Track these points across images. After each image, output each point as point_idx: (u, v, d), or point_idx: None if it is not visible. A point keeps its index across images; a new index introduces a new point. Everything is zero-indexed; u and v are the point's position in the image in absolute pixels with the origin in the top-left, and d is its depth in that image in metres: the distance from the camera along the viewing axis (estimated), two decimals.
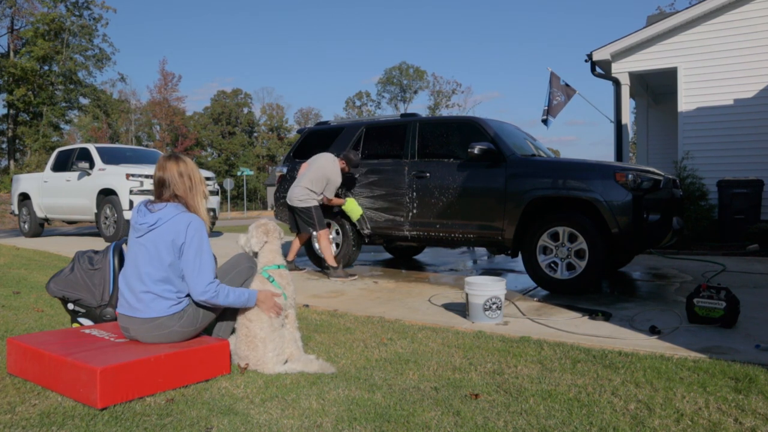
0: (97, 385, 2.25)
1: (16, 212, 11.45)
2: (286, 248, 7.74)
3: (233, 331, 2.91)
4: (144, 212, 2.70)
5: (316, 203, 5.84)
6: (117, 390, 2.31)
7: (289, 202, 5.95)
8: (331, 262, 5.83)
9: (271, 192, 50.44)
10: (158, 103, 48.63)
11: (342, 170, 5.95)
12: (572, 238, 4.85)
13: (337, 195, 6.12)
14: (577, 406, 2.29)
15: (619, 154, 10.02)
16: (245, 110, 63.11)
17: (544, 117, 11.49)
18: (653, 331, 3.50)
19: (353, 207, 6.06)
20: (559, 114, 11.53)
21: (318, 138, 6.84)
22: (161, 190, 2.75)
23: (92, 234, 11.65)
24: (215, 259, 2.88)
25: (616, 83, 9.85)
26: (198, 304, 2.73)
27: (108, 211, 9.20)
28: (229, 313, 2.89)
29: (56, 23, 31.65)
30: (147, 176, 9.05)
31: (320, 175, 5.82)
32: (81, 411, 2.25)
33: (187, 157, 2.88)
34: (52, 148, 25.72)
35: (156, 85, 56.88)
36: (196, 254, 2.66)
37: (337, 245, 6.46)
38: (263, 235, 2.93)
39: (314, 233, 5.91)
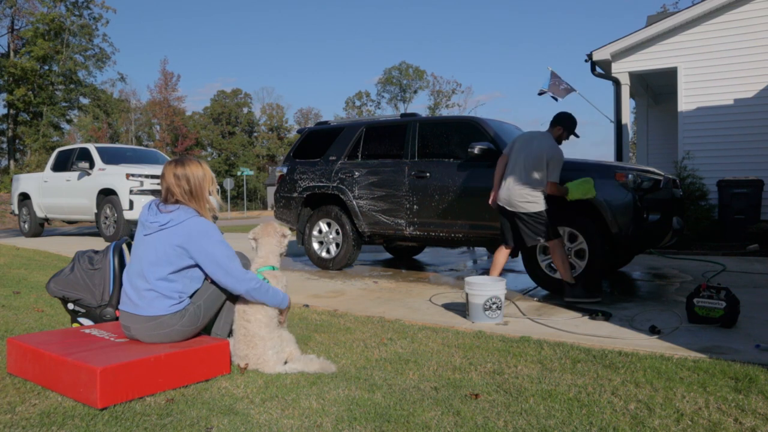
0: (97, 385, 2.25)
1: (16, 212, 11.45)
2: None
3: (231, 331, 2.91)
4: (155, 211, 2.72)
5: (545, 205, 4.54)
6: (117, 390, 2.31)
7: (509, 208, 4.59)
8: (568, 278, 4.55)
9: (271, 192, 50.45)
10: (158, 103, 48.65)
11: (560, 139, 4.68)
12: (572, 238, 4.85)
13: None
14: (577, 406, 2.29)
15: (619, 154, 10.03)
16: (245, 110, 63.11)
17: (543, 91, 11.18)
18: (653, 331, 3.50)
19: (582, 190, 4.56)
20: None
21: (318, 138, 6.84)
22: (166, 195, 2.78)
23: (92, 234, 11.66)
24: None
25: (616, 83, 9.85)
26: (198, 304, 2.74)
27: (108, 211, 9.20)
28: (226, 313, 2.90)
29: (56, 23, 31.64)
30: (147, 176, 9.05)
31: (540, 163, 4.49)
32: (81, 411, 2.25)
33: (195, 160, 2.85)
34: (52, 148, 25.77)
35: (156, 84, 56.95)
36: (223, 254, 2.67)
37: (337, 245, 6.46)
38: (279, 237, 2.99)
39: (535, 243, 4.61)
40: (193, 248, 2.66)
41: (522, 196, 4.50)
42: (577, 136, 4.81)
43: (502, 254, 4.75)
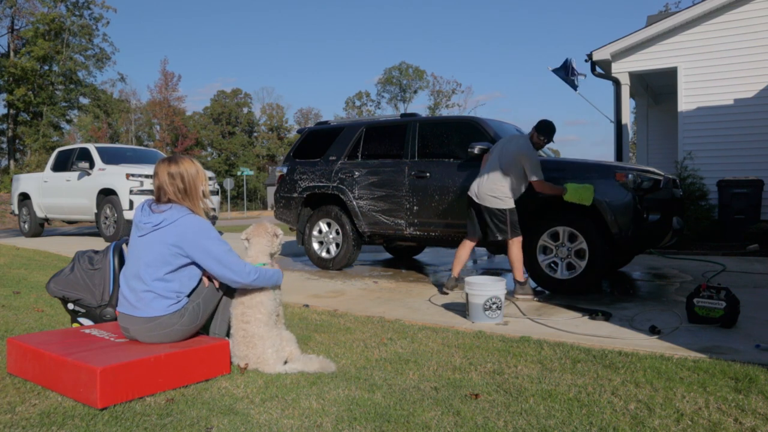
0: (97, 385, 2.25)
1: (16, 212, 11.45)
2: (286, 247, 7.72)
3: (229, 329, 2.91)
4: (148, 212, 2.71)
5: (513, 204, 4.75)
6: (117, 390, 2.31)
7: (476, 200, 4.81)
8: (519, 276, 4.74)
9: (271, 192, 50.44)
10: (158, 103, 48.63)
11: (537, 144, 4.83)
12: (572, 238, 4.85)
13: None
14: (577, 406, 2.29)
15: (619, 154, 10.02)
16: (245, 110, 63.10)
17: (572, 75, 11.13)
18: (653, 331, 3.50)
19: (580, 194, 4.65)
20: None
21: (318, 138, 6.84)
22: (159, 194, 2.77)
23: (92, 234, 11.65)
24: None
25: (616, 83, 9.85)
26: (197, 302, 2.74)
27: (108, 211, 9.20)
28: (222, 311, 2.90)
29: (56, 23, 31.66)
30: (147, 176, 9.05)
31: (514, 162, 4.68)
32: (81, 411, 2.25)
33: (187, 157, 2.87)
34: (52, 148, 25.77)
35: (156, 84, 56.94)
36: (220, 250, 2.68)
37: (337, 245, 6.46)
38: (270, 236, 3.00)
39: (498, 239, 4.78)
40: (189, 246, 2.66)
41: (491, 191, 4.71)
42: (552, 142, 5.04)
43: (465, 249, 4.94)
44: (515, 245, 4.72)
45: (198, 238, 2.67)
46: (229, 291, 2.86)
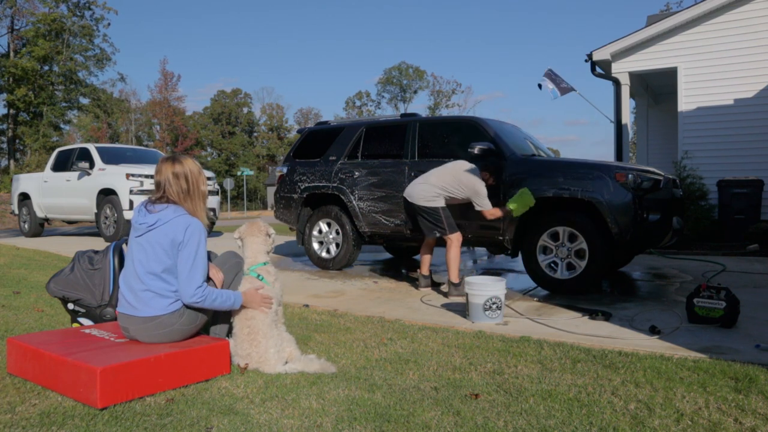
0: (97, 385, 2.25)
1: (16, 212, 11.45)
2: (287, 247, 7.75)
3: (230, 330, 2.91)
4: (144, 212, 2.72)
5: (444, 204, 4.96)
6: (117, 390, 2.32)
7: (409, 199, 5.06)
8: (454, 277, 4.82)
9: (271, 192, 50.44)
10: (158, 103, 48.63)
11: (486, 181, 4.99)
12: (572, 238, 4.85)
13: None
14: (577, 406, 2.29)
15: (619, 154, 10.02)
16: (245, 110, 63.11)
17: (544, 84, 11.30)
18: (653, 331, 3.50)
19: (522, 203, 4.81)
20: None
21: (318, 138, 6.84)
22: (158, 193, 2.77)
23: (92, 234, 11.65)
24: (210, 257, 2.90)
25: (616, 83, 9.85)
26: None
27: (108, 211, 9.20)
28: (223, 311, 2.90)
29: (57, 23, 31.66)
30: (147, 176, 9.05)
31: (457, 180, 4.91)
32: (81, 411, 2.25)
33: (189, 157, 2.87)
34: (52, 148, 25.73)
35: (156, 84, 56.96)
36: (189, 258, 2.66)
37: (337, 245, 6.46)
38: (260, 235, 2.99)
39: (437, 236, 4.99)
40: (180, 242, 2.66)
41: (424, 198, 4.92)
42: (498, 173, 5.19)
43: (427, 247, 5.19)
44: (454, 245, 4.84)
45: (187, 236, 2.66)
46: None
